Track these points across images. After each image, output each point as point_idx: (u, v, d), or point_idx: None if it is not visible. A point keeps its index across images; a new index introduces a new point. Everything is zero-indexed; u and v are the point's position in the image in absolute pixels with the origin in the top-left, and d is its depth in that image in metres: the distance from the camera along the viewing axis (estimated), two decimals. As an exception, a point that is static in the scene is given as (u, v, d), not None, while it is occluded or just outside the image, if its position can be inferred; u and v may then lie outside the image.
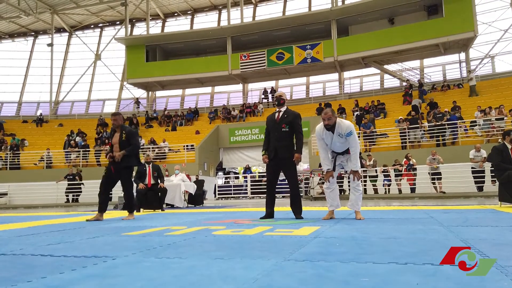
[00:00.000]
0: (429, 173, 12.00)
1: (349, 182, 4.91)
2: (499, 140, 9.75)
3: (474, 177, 11.43)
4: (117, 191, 14.51)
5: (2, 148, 19.94)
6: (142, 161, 8.78)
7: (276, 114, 4.92)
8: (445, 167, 11.99)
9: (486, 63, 21.39)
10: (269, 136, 4.92)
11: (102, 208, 5.39)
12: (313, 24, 22.18)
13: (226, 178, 21.54)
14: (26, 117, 25.92)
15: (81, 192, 15.22)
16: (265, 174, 5.43)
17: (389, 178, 12.75)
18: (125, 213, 5.97)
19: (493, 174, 7.85)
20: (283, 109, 4.91)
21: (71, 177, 15.29)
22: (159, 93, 27.29)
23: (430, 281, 1.54)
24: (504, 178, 6.08)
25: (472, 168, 11.41)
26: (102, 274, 1.82)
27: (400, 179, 12.55)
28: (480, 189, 11.27)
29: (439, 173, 11.92)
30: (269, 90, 23.54)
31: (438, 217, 4.37)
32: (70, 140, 20.40)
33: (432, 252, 2.15)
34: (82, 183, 15.15)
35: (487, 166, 10.73)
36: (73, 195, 15.32)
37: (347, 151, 4.48)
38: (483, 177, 11.24)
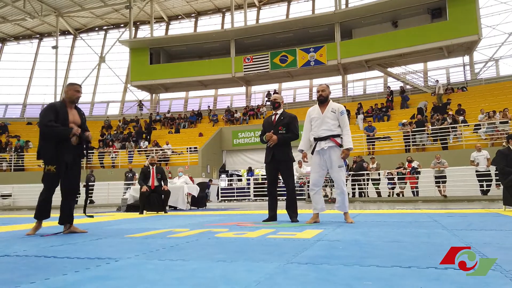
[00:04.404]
0: (435, 176, 11.93)
1: (333, 186, 4.88)
2: (504, 143, 9.69)
3: (479, 181, 11.36)
4: (117, 192, 14.63)
5: (7, 149, 20.05)
6: (147, 163, 8.78)
7: (273, 117, 4.97)
8: (449, 170, 11.91)
9: (490, 66, 21.33)
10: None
11: (46, 215, 3.96)
12: (316, 27, 22.19)
13: (229, 180, 21.55)
14: (30, 119, 26.02)
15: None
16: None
17: (392, 181, 12.69)
18: (125, 215, 5.89)
19: (498, 177, 7.82)
20: (280, 111, 4.97)
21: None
22: (162, 96, 27.38)
23: (434, 285, 1.53)
24: (509, 182, 6.06)
25: (476, 171, 11.34)
26: (105, 276, 1.82)
27: (405, 184, 12.48)
28: (485, 193, 11.19)
29: (444, 177, 11.85)
30: (272, 93, 23.56)
31: (441, 221, 4.35)
32: (73, 142, 20.42)
33: (436, 256, 2.13)
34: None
35: (492, 170, 10.67)
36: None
37: (329, 137, 4.38)
38: (489, 181, 11.17)
